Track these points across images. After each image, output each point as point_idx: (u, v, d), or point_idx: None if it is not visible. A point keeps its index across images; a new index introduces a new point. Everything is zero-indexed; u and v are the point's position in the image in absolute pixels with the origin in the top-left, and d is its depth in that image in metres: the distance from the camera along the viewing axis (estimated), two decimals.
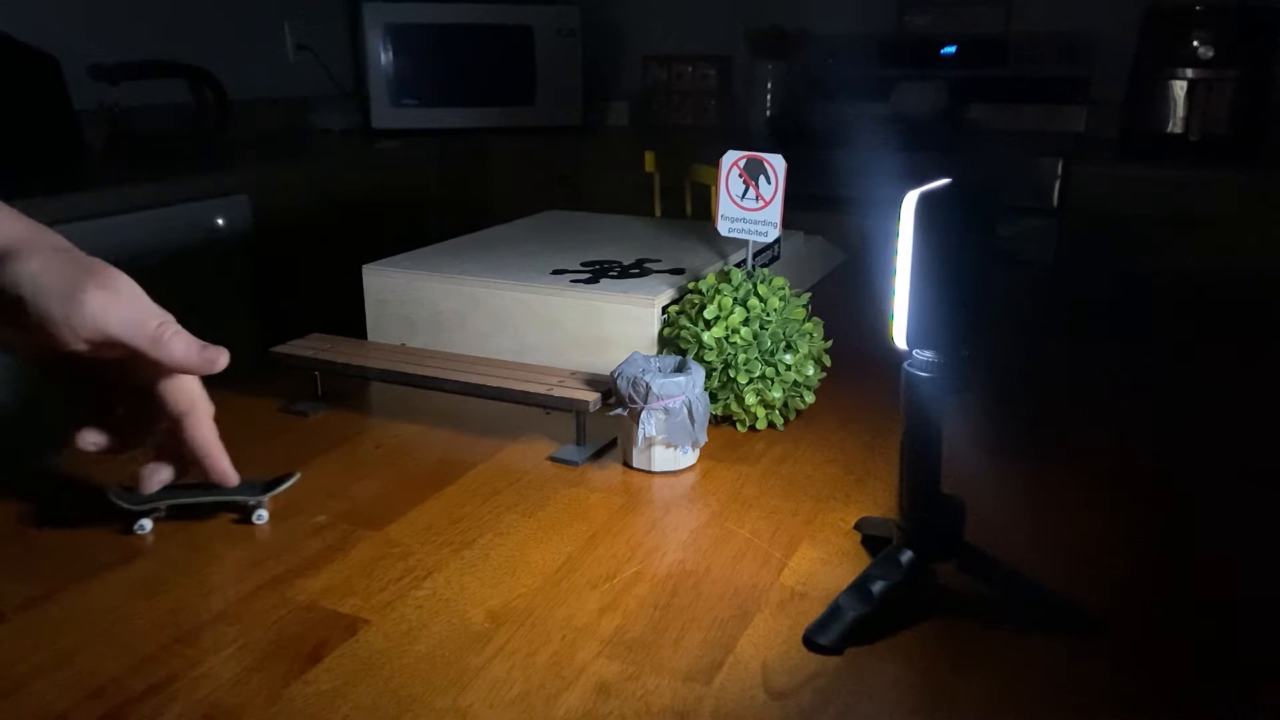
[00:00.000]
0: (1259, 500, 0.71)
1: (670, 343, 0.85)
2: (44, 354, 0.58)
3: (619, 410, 0.74)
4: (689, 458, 0.75)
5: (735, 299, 0.81)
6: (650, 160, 2.23)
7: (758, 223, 0.85)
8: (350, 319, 0.99)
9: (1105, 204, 2.18)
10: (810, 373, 0.81)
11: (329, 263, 1.71)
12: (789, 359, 0.80)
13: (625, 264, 0.98)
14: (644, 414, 0.72)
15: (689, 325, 0.82)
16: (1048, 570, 0.58)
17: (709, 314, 0.81)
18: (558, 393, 0.77)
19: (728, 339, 0.80)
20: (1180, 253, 2.08)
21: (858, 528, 0.65)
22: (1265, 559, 0.63)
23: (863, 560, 0.61)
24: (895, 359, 0.55)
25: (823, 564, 0.61)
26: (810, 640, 0.53)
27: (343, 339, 0.92)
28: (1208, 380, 0.96)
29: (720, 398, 0.80)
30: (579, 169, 2.74)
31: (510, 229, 1.18)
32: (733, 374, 0.79)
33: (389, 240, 1.14)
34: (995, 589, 0.58)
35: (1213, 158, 2.18)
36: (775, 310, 0.81)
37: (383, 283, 0.97)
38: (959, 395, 0.55)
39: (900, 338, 0.54)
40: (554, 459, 0.77)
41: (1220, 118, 2.20)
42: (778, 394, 0.80)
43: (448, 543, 0.64)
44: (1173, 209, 2.10)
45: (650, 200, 2.30)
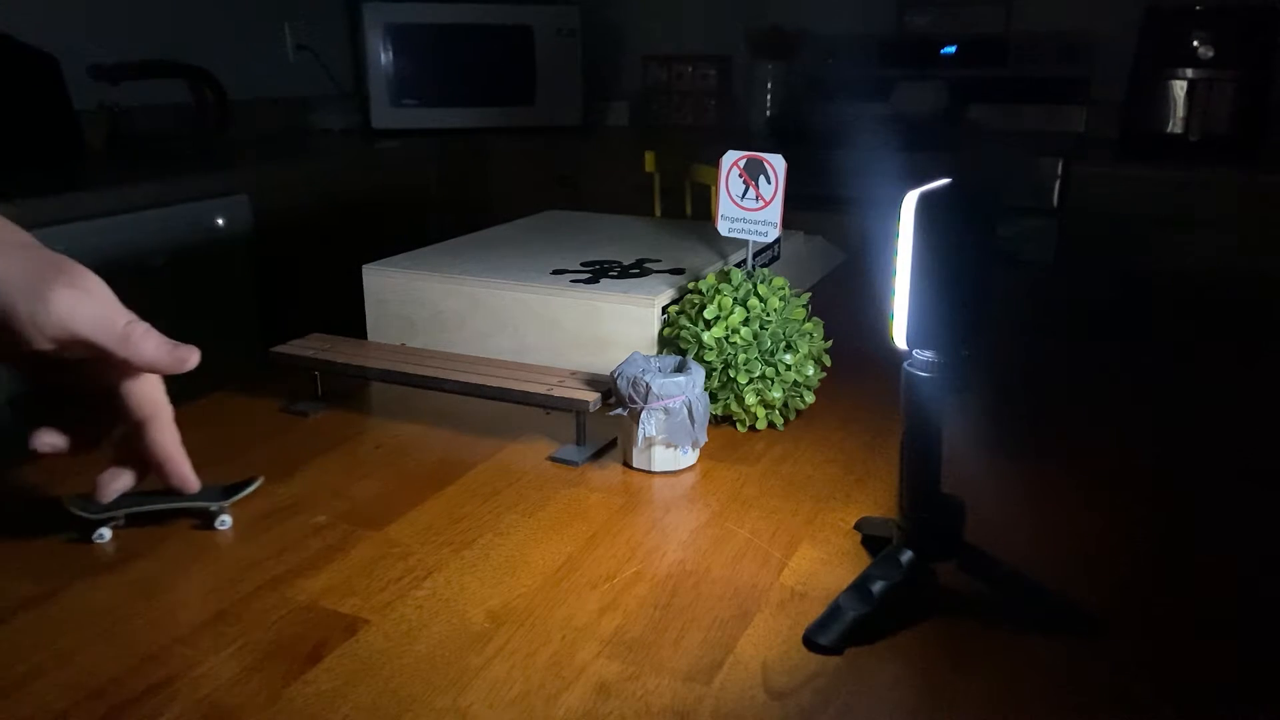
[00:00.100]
0: (1259, 500, 0.71)
1: (670, 343, 0.85)
2: (3, 353, 0.56)
3: (619, 410, 0.74)
4: (689, 458, 0.75)
5: (735, 299, 0.81)
6: (650, 160, 2.23)
7: (758, 223, 0.85)
8: (350, 319, 0.99)
9: (1105, 204, 2.18)
10: (810, 373, 0.81)
11: (329, 263, 1.71)
12: (789, 359, 0.80)
13: (625, 264, 0.98)
14: (644, 414, 0.72)
15: (689, 325, 0.82)
16: (1048, 570, 0.58)
17: (709, 314, 0.81)
18: (558, 393, 0.77)
19: (728, 339, 0.80)
20: (1180, 253, 2.08)
21: (858, 528, 0.65)
22: (1265, 559, 0.63)
23: (863, 560, 0.61)
24: (895, 359, 0.55)
25: (823, 564, 0.61)
26: (810, 640, 0.53)
27: (343, 339, 0.92)
28: (1208, 380, 0.96)
29: (720, 398, 0.80)
30: (579, 169, 2.74)
31: (510, 229, 1.18)
32: (733, 374, 0.79)
33: (389, 240, 1.14)
34: (995, 589, 0.58)
35: (1213, 158, 2.18)
36: (775, 310, 0.81)
37: (383, 283, 0.97)
38: (959, 395, 0.55)
39: (900, 338, 0.54)
40: (554, 459, 0.77)
41: (1220, 118, 2.20)
42: (778, 394, 0.80)
43: (448, 543, 0.64)
44: (1173, 209, 2.10)
45: (650, 200, 2.30)
